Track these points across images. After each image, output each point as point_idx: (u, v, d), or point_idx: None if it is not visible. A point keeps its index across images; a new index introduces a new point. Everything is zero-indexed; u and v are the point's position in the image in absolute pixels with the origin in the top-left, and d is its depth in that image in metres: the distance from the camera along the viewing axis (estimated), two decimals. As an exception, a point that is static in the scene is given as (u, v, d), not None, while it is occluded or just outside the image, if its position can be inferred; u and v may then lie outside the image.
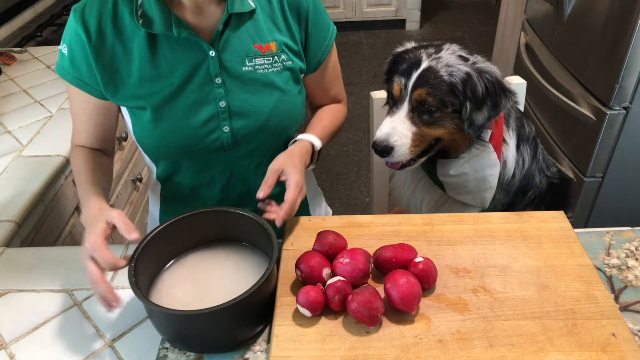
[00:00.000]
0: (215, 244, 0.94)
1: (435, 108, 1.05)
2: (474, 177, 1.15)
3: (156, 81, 0.96)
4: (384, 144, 1.06)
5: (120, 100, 0.98)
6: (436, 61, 1.06)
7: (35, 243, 1.22)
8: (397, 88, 1.09)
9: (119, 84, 0.96)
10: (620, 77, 1.65)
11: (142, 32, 0.94)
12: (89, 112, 1.02)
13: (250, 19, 0.98)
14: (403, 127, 1.07)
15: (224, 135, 1.00)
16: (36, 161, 1.32)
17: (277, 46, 1.00)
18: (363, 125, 3.23)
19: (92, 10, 0.93)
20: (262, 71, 1.00)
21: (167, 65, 0.96)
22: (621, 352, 0.74)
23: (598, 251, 0.95)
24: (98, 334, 0.84)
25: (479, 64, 1.06)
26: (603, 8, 1.72)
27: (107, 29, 0.94)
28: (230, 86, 0.98)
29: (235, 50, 0.98)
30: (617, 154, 1.79)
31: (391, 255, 0.86)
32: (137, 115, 0.99)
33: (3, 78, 1.74)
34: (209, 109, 0.98)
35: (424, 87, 1.05)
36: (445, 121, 1.07)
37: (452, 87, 1.04)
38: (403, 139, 1.06)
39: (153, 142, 1.01)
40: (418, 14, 4.35)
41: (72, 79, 0.98)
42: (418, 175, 1.26)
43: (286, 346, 0.77)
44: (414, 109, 1.07)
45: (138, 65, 0.95)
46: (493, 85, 1.04)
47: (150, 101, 0.96)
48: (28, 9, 2.24)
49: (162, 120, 0.97)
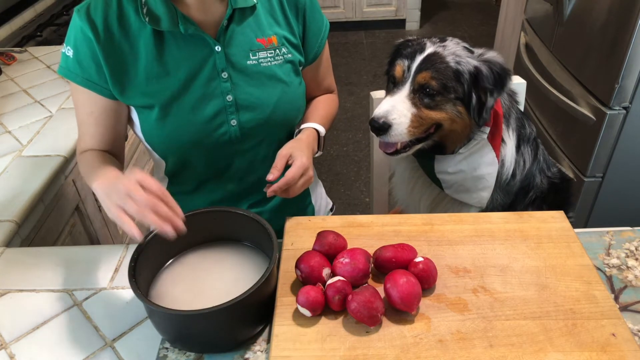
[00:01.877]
0: (215, 244, 0.94)
1: (437, 92, 1.06)
2: (471, 176, 1.15)
3: (163, 78, 0.96)
4: (382, 121, 1.06)
5: (127, 99, 0.98)
6: (442, 48, 1.07)
7: (35, 243, 1.22)
8: (399, 70, 1.09)
9: (126, 82, 0.96)
10: (620, 77, 1.65)
11: (148, 30, 0.94)
12: (98, 115, 1.01)
13: (252, 14, 1.00)
14: (403, 106, 1.07)
15: (231, 129, 1.02)
16: (36, 161, 1.32)
17: (277, 40, 1.03)
18: (363, 125, 3.23)
19: (98, 9, 0.94)
20: (265, 64, 1.01)
21: (173, 62, 0.96)
22: (621, 352, 0.74)
23: (598, 251, 0.95)
24: (98, 334, 0.84)
25: (485, 54, 1.09)
26: (603, 8, 1.72)
27: (114, 27, 0.94)
28: (237, 80, 1.00)
29: (240, 44, 0.99)
30: (617, 154, 1.79)
31: (391, 255, 0.86)
32: (145, 114, 0.99)
33: (3, 78, 1.74)
34: (216, 103, 0.99)
35: (429, 70, 1.05)
36: (446, 106, 1.07)
37: (457, 74, 1.05)
38: (402, 118, 1.06)
39: (162, 139, 1.01)
40: (418, 13, 4.35)
41: (81, 80, 0.97)
42: (416, 174, 1.26)
43: (286, 346, 0.77)
44: (416, 91, 1.07)
45: (145, 63, 0.95)
46: (499, 74, 1.07)
47: (157, 98, 0.97)
48: (28, 9, 2.24)
49: (170, 117, 0.98)
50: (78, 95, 1.00)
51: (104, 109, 1.00)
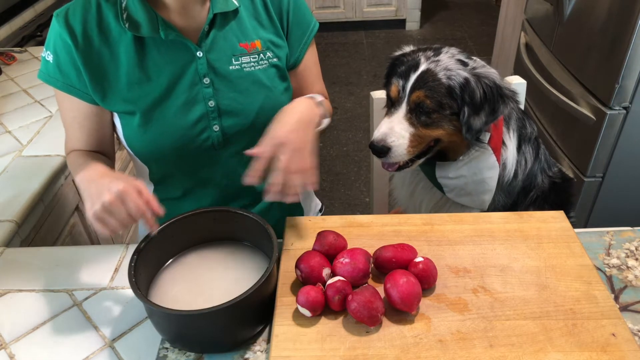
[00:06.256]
0: (215, 244, 0.94)
1: (433, 110, 1.06)
2: (472, 180, 1.15)
3: (144, 84, 0.95)
4: (382, 144, 1.06)
5: (109, 105, 0.97)
6: (435, 64, 1.06)
7: (35, 243, 1.22)
8: (395, 90, 1.09)
9: (107, 88, 0.96)
10: (620, 77, 1.65)
11: (129, 36, 0.93)
12: (81, 120, 1.00)
13: (234, 18, 0.99)
14: (401, 127, 1.07)
15: (214, 134, 1.01)
16: (36, 161, 1.32)
17: (262, 44, 1.01)
18: (363, 125, 3.23)
19: (76, 15, 0.93)
20: (248, 69, 1.00)
21: (154, 67, 0.95)
22: (621, 352, 0.74)
23: (598, 251, 0.95)
24: (98, 334, 0.84)
25: (478, 69, 1.07)
26: (603, 8, 1.72)
27: (93, 33, 0.93)
28: (219, 85, 0.99)
29: (222, 49, 0.98)
30: (617, 154, 1.79)
31: (391, 255, 0.86)
32: (126, 120, 0.99)
33: (3, 78, 1.74)
34: (199, 109, 0.98)
35: (422, 90, 1.05)
36: (443, 122, 1.07)
37: (450, 90, 1.04)
38: (400, 140, 1.06)
39: (144, 145, 1.00)
40: (418, 13, 4.35)
41: (62, 85, 0.96)
42: (417, 177, 1.26)
43: (286, 346, 0.77)
44: (412, 111, 1.07)
45: (126, 69, 0.94)
46: (491, 91, 1.05)
47: (139, 105, 0.96)
48: (28, 9, 2.24)
49: (152, 123, 0.97)
50: (61, 100, 0.99)
51: (87, 114, 0.99)
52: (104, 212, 0.78)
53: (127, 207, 0.78)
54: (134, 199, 0.78)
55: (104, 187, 0.80)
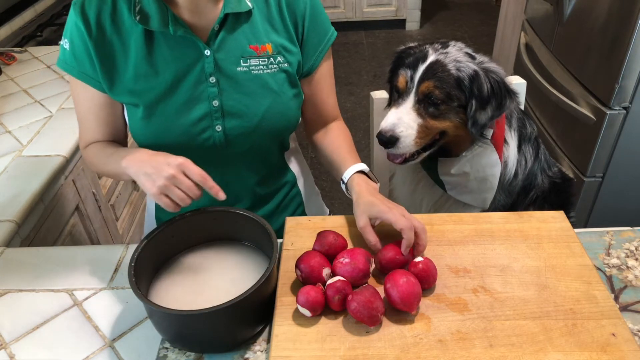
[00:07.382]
0: (215, 244, 0.94)
1: (441, 101, 1.05)
2: (475, 177, 1.15)
3: (150, 78, 0.96)
4: (390, 134, 1.05)
5: (115, 95, 0.99)
6: (444, 55, 1.06)
7: (35, 243, 1.22)
8: (402, 80, 1.08)
9: (115, 78, 0.97)
10: (620, 77, 1.65)
11: (140, 28, 0.94)
12: (97, 111, 1.01)
13: (247, 20, 0.98)
14: (409, 118, 1.06)
15: (216, 135, 1.01)
16: (36, 161, 1.32)
17: (273, 48, 1.00)
18: (363, 125, 3.23)
19: (92, 4, 0.94)
20: (256, 72, 0.99)
21: (162, 62, 0.96)
22: (621, 352, 0.74)
23: (598, 251, 0.95)
24: (98, 334, 0.84)
25: (486, 63, 1.07)
26: (603, 8, 1.72)
27: (106, 23, 0.94)
28: (224, 86, 0.98)
29: (231, 50, 0.98)
30: (617, 154, 1.79)
31: (391, 255, 0.86)
32: (132, 111, 1.00)
33: (3, 78, 1.74)
34: (202, 107, 0.98)
35: (432, 80, 1.04)
36: (450, 114, 1.07)
37: (459, 81, 1.04)
38: (409, 130, 1.06)
39: (147, 138, 1.01)
40: (418, 13, 4.35)
41: (77, 73, 0.98)
42: (418, 175, 1.26)
43: (286, 346, 0.77)
44: (420, 101, 1.07)
45: (134, 61, 0.95)
46: (499, 86, 1.05)
47: (143, 98, 0.97)
48: (28, 9, 2.24)
49: (155, 117, 0.98)
50: (76, 90, 1.01)
51: (102, 104, 1.01)
52: (169, 186, 0.83)
53: (191, 177, 0.84)
54: (194, 169, 0.84)
55: (161, 164, 0.84)
